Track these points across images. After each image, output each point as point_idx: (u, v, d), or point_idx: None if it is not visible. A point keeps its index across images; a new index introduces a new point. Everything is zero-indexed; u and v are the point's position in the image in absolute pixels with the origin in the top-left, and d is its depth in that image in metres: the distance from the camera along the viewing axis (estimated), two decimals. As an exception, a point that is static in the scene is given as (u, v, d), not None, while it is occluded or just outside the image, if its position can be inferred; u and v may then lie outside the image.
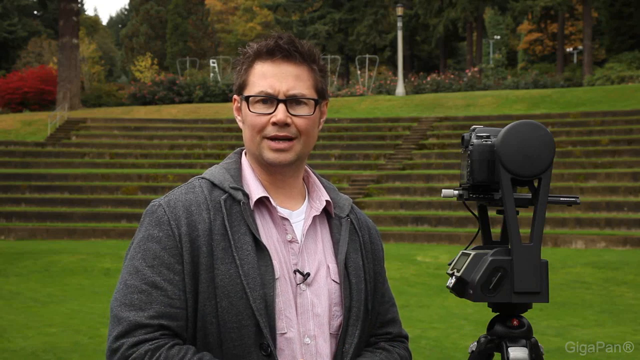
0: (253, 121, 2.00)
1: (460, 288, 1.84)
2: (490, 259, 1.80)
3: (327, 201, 2.09)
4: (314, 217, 2.06)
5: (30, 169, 28.27)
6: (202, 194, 1.97)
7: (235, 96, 2.09)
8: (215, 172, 2.05)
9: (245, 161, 2.08)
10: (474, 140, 1.86)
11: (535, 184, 1.85)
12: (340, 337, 1.98)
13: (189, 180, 2.05)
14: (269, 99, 1.99)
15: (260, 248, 1.93)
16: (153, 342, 1.83)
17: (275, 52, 2.00)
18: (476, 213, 2.00)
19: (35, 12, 65.76)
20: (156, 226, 1.94)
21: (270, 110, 1.99)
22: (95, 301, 13.45)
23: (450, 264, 1.99)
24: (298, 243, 2.00)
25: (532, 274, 1.80)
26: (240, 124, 2.08)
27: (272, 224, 2.00)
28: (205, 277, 1.89)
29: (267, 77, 2.00)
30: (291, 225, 2.02)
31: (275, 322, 1.91)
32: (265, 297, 1.90)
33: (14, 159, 29.28)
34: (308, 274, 1.98)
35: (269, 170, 2.03)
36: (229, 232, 1.92)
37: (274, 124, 1.98)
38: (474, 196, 1.91)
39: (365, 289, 2.05)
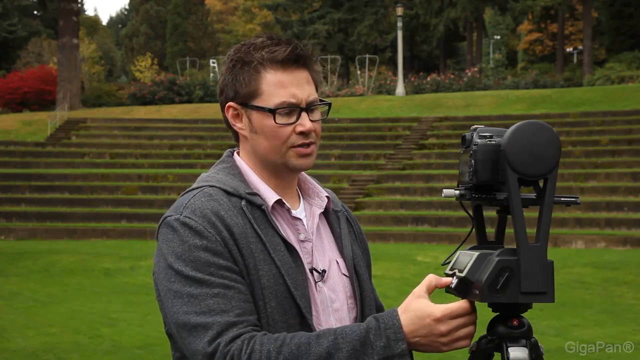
0: (278, 133, 1.97)
1: (464, 288, 1.84)
2: (497, 259, 1.80)
3: (327, 197, 2.11)
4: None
5: (30, 169, 28.28)
6: (223, 200, 1.95)
7: (233, 104, 2.02)
8: (222, 178, 2.01)
9: (244, 165, 2.06)
10: (478, 140, 1.86)
11: (540, 184, 1.85)
12: None
13: (199, 189, 1.99)
14: (292, 109, 1.98)
15: (289, 249, 1.96)
16: (247, 334, 1.83)
17: (290, 60, 1.98)
18: (471, 213, 2.00)
19: (35, 12, 65.77)
20: (195, 236, 1.89)
21: (292, 120, 1.98)
22: (95, 301, 13.46)
23: (444, 264, 1.99)
24: (310, 242, 2.03)
25: (539, 274, 1.80)
26: (243, 132, 2.03)
27: (286, 225, 2.02)
28: (253, 278, 1.90)
29: (285, 86, 1.97)
30: (304, 225, 2.04)
31: (313, 320, 1.95)
32: (305, 295, 1.94)
33: (14, 159, 29.29)
34: (324, 271, 2.02)
35: (283, 175, 2.04)
36: (261, 234, 1.93)
37: (301, 133, 1.98)
38: (476, 196, 1.91)
39: (368, 278, 2.12)
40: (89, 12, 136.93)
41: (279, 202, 2.01)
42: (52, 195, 26.25)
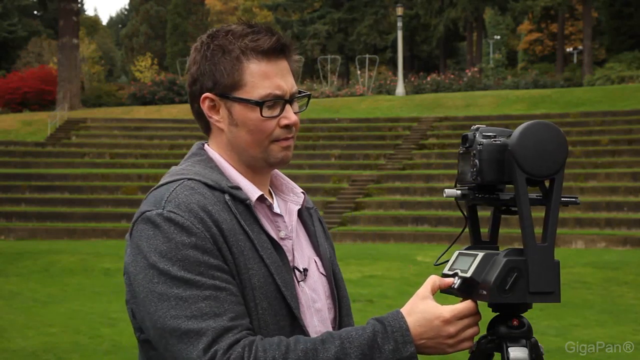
0: (263, 126, 1.86)
1: (468, 289, 1.82)
2: (505, 259, 1.79)
3: (302, 193, 2.01)
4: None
5: (30, 169, 28.29)
6: (207, 193, 1.81)
7: (210, 95, 1.88)
8: (200, 171, 1.86)
9: (219, 158, 1.91)
10: (483, 140, 1.85)
11: (546, 184, 1.84)
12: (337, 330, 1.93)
13: (178, 182, 1.83)
14: (277, 101, 1.86)
15: (275, 246, 1.85)
16: (244, 339, 1.71)
17: (276, 50, 1.87)
18: (466, 213, 1.98)
19: (35, 12, 65.78)
20: (182, 232, 1.74)
21: (276, 113, 1.86)
22: (95, 301, 13.45)
23: (437, 264, 1.98)
24: (291, 239, 1.92)
25: (546, 274, 1.81)
26: (219, 125, 1.90)
27: (266, 221, 1.89)
28: (243, 278, 1.78)
29: (270, 77, 1.85)
30: (284, 222, 1.92)
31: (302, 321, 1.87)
32: (294, 295, 1.84)
33: (14, 159, 29.30)
34: (306, 270, 1.92)
35: (260, 170, 1.93)
36: (248, 231, 1.81)
37: (286, 126, 1.87)
38: (480, 196, 1.89)
39: (342, 277, 2.05)
40: (89, 12, 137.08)
41: (259, 198, 1.89)
42: (52, 195, 26.25)
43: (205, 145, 1.96)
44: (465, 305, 1.79)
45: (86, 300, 13.54)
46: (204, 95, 1.89)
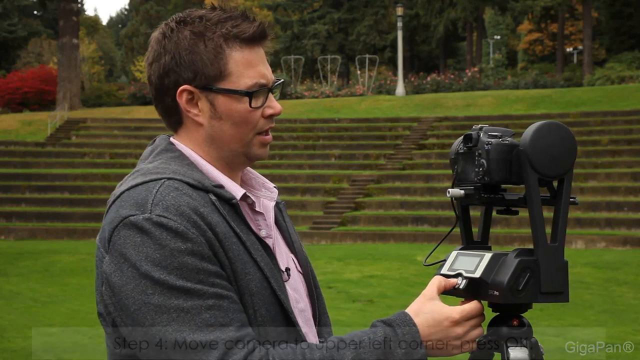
0: (249, 118, 1.74)
1: (475, 289, 1.82)
2: (517, 260, 1.79)
3: (275, 188, 1.91)
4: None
5: (30, 169, 28.30)
6: (193, 194, 1.67)
7: (189, 87, 1.72)
8: (178, 169, 1.72)
9: (194, 154, 1.77)
10: (492, 140, 1.85)
11: (555, 184, 1.85)
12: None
13: (158, 182, 1.68)
14: (261, 90, 1.75)
15: (264, 247, 1.75)
16: (257, 350, 1.61)
17: (261, 37, 1.76)
18: (458, 213, 1.98)
19: (35, 12, 65.77)
20: (176, 238, 1.60)
21: (260, 103, 1.75)
22: (95, 301, 13.44)
23: (428, 264, 1.97)
24: (271, 238, 1.81)
25: (557, 274, 1.81)
26: (198, 119, 1.75)
27: (249, 221, 1.78)
28: (241, 284, 1.67)
29: (253, 65, 1.74)
30: (264, 220, 1.81)
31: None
32: (287, 299, 1.75)
33: (14, 159, 29.31)
34: (288, 269, 1.82)
35: (237, 166, 1.82)
36: (239, 233, 1.70)
37: (271, 116, 1.77)
38: (485, 196, 1.89)
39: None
40: (89, 12, 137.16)
41: (241, 197, 1.77)
42: (52, 195, 26.26)
43: (172, 139, 1.81)
44: (473, 306, 1.77)
45: (86, 300, 13.52)
46: (181, 88, 1.73)
